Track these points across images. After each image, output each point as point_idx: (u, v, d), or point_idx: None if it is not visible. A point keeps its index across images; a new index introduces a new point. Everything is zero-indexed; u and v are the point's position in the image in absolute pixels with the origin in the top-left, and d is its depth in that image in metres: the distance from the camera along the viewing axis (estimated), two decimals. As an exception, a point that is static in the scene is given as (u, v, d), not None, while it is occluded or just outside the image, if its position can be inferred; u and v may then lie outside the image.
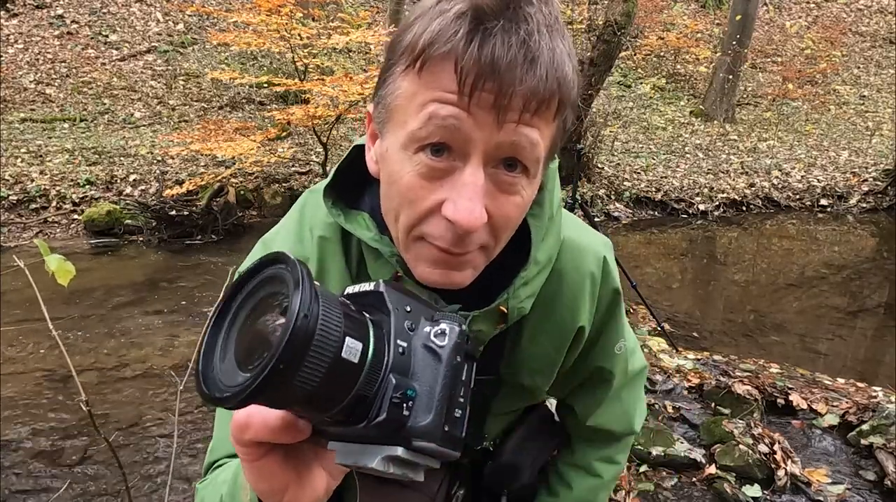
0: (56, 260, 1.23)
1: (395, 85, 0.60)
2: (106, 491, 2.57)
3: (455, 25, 0.55)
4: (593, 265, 0.80)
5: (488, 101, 0.55)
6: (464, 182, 0.57)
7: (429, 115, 0.56)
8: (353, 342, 0.42)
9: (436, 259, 0.62)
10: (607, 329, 0.87)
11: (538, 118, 0.57)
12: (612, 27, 6.21)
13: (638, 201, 7.89)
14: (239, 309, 0.45)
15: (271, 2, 6.33)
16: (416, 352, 0.47)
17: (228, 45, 8.95)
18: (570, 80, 0.58)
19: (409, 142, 0.58)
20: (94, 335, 4.01)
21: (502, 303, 0.70)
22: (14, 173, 6.55)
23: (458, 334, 0.48)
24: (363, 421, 0.44)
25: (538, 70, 0.55)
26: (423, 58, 0.56)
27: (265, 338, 0.40)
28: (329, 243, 0.77)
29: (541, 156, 0.60)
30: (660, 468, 2.51)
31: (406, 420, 0.45)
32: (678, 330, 4.33)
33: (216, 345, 0.44)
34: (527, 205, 0.64)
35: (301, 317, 0.38)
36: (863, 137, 10.46)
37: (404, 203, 0.61)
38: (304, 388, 0.40)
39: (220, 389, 0.41)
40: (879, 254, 6.77)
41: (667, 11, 13.89)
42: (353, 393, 0.43)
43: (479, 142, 0.57)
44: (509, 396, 0.86)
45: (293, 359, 0.38)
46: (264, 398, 0.40)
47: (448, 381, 0.47)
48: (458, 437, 0.48)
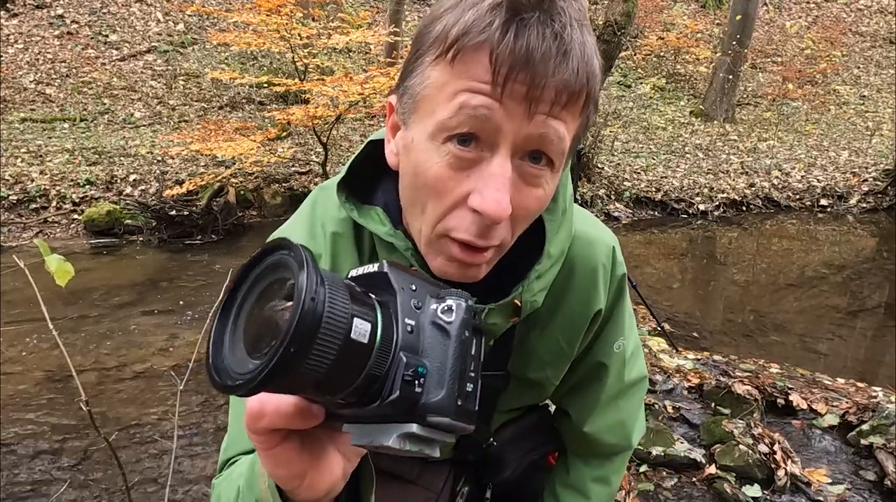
0: (56, 260, 1.23)
1: (425, 75, 0.60)
2: (106, 491, 2.57)
3: (490, 16, 0.55)
4: (603, 256, 0.82)
5: (521, 93, 0.55)
6: (491, 172, 0.57)
7: (460, 104, 0.56)
8: (362, 323, 0.42)
9: (452, 254, 0.62)
10: (612, 316, 0.87)
11: (566, 112, 0.58)
12: (612, 27, 6.21)
13: (638, 201, 7.89)
14: (245, 298, 0.45)
15: (271, 2, 6.33)
16: (425, 329, 0.48)
17: (228, 45, 8.95)
18: (597, 75, 0.59)
19: (437, 132, 0.58)
20: (94, 335, 4.01)
21: (516, 296, 0.71)
22: (14, 173, 6.55)
23: (466, 309, 0.49)
24: (377, 401, 0.45)
25: (570, 63, 0.55)
26: (457, 47, 0.56)
27: (273, 324, 0.41)
28: (341, 239, 0.77)
29: (566, 149, 0.61)
30: (660, 468, 2.51)
31: (419, 396, 0.45)
32: (678, 330, 4.33)
33: (224, 335, 0.44)
34: (548, 199, 0.64)
35: (308, 300, 0.38)
36: (863, 137, 10.46)
37: (431, 194, 0.61)
38: (316, 371, 0.40)
39: (232, 377, 0.41)
40: (879, 254, 6.77)
41: (667, 11, 13.89)
42: (364, 373, 0.43)
43: (509, 134, 0.57)
44: (517, 391, 0.86)
45: (303, 343, 0.38)
46: (276, 384, 0.40)
47: (458, 356, 0.47)
48: (471, 410, 0.48)
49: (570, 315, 0.81)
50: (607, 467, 0.98)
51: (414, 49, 0.62)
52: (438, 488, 0.93)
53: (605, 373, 0.90)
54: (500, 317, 0.72)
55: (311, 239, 0.78)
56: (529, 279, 0.71)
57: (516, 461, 0.95)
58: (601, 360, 0.89)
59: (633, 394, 0.97)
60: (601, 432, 0.94)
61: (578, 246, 0.79)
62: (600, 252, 0.81)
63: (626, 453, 1.00)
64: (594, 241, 0.81)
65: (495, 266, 0.67)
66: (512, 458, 0.95)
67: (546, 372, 0.85)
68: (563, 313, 0.81)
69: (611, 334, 0.88)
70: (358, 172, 0.76)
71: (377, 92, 6.19)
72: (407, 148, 0.64)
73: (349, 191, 0.75)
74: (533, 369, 0.84)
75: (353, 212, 0.74)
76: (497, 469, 0.95)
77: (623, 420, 0.95)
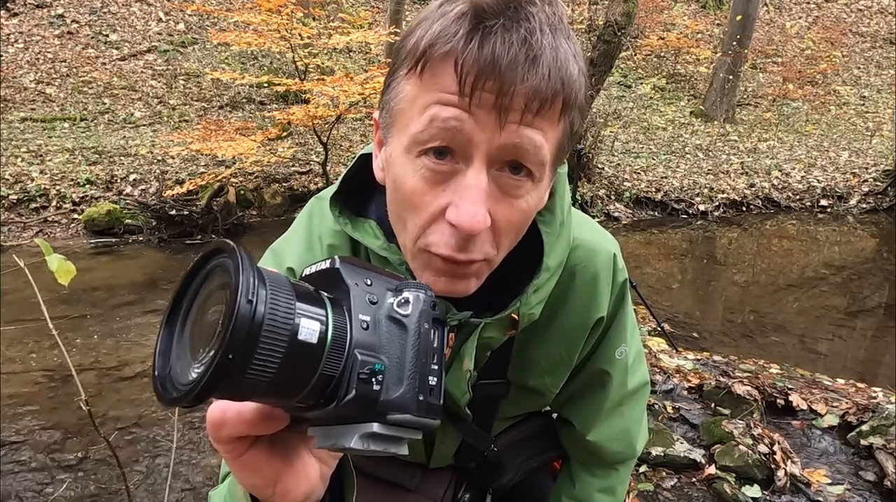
0: (57, 259, 1.23)
1: (399, 89, 0.59)
2: (106, 491, 2.57)
3: (455, 26, 0.54)
4: (604, 263, 0.80)
5: (489, 101, 0.54)
6: (466, 185, 0.56)
7: (430, 117, 0.55)
8: (310, 322, 0.41)
9: (440, 269, 0.61)
10: (614, 323, 0.86)
11: (542, 119, 0.56)
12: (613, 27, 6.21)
13: (638, 201, 7.89)
14: (190, 304, 0.44)
15: (272, 1, 6.33)
16: (381, 324, 0.46)
17: (229, 45, 8.94)
18: (574, 80, 0.57)
19: (411, 146, 0.58)
20: (94, 335, 4.01)
21: (514, 310, 0.70)
22: (14, 173, 6.55)
23: (424, 301, 0.47)
24: (333, 402, 0.43)
25: (540, 68, 0.54)
26: (425, 59, 0.55)
27: (214, 330, 0.39)
28: (338, 251, 0.76)
29: (546, 159, 0.58)
30: (660, 468, 2.51)
31: (377, 394, 0.44)
32: (678, 330, 4.33)
33: (171, 344, 0.43)
34: (532, 211, 0.62)
35: (243, 303, 0.36)
36: (863, 138, 10.45)
37: (409, 209, 0.60)
38: (263, 376, 0.38)
39: (177, 389, 0.40)
40: (879, 255, 6.77)
41: (667, 12, 13.88)
42: (317, 374, 0.42)
43: (482, 144, 0.55)
44: (517, 399, 0.86)
45: (242, 348, 0.37)
46: (221, 392, 0.39)
47: (417, 350, 0.46)
48: (435, 405, 0.47)
49: (570, 323, 0.80)
50: (613, 477, 0.97)
51: (391, 63, 0.62)
52: (440, 496, 0.93)
53: (608, 381, 0.89)
54: (497, 331, 0.71)
55: (309, 251, 0.78)
56: (527, 293, 0.70)
57: (515, 468, 0.94)
58: (603, 368, 0.88)
59: (636, 402, 0.96)
60: (605, 440, 0.93)
61: (579, 253, 0.78)
62: (601, 259, 0.80)
63: (631, 462, 0.99)
64: (595, 249, 0.80)
65: (492, 279, 0.66)
66: (511, 464, 0.94)
67: (546, 379, 0.84)
68: (563, 321, 0.80)
69: (613, 341, 0.87)
70: (351, 186, 0.75)
71: (377, 92, 6.18)
72: (387, 163, 0.63)
73: (343, 204, 0.74)
74: (533, 377, 0.83)
75: (347, 225, 0.73)
76: (495, 475, 0.94)
77: (627, 427, 0.94)
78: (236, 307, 0.36)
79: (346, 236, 0.76)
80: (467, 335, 0.71)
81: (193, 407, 0.39)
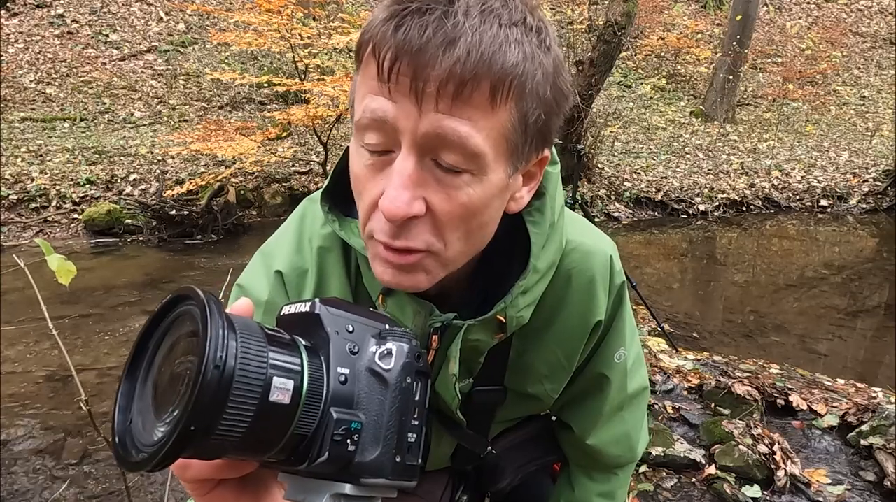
0: (57, 259, 1.23)
1: (354, 83, 0.62)
2: (106, 491, 2.57)
3: (382, 13, 0.55)
4: (601, 265, 0.79)
5: (406, 86, 0.53)
6: (393, 170, 0.56)
7: (363, 107, 0.57)
8: (282, 381, 0.38)
9: (382, 257, 0.60)
10: (613, 327, 0.85)
11: (466, 105, 0.53)
12: (613, 27, 6.21)
13: (638, 201, 7.88)
14: (153, 355, 0.41)
15: (272, 2, 6.33)
16: (360, 377, 0.44)
17: (229, 45, 8.95)
18: (509, 62, 0.53)
19: (357, 135, 0.59)
20: (94, 335, 4.01)
21: (499, 312, 0.68)
22: (14, 172, 6.55)
23: (407, 352, 0.45)
24: (304, 462, 0.41)
25: (456, 50, 0.51)
26: (360, 51, 0.58)
27: (180, 384, 0.37)
28: (329, 253, 0.75)
29: (480, 150, 0.55)
30: (659, 468, 2.51)
31: (352, 456, 0.42)
32: (678, 330, 4.33)
33: (133, 397, 0.40)
34: (480, 206, 0.59)
35: (211, 368, 0.34)
36: (863, 138, 10.45)
37: (358, 197, 0.62)
38: (231, 438, 0.36)
39: (138, 449, 0.37)
40: (879, 255, 6.76)
41: (667, 12, 13.88)
42: (289, 434, 0.39)
43: (406, 132, 0.54)
44: (514, 405, 0.84)
45: (206, 416, 0.34)
46: (188, 454, 0.36)
47: (397, 407, 0.44)
48: (412, 466, 0.45)
49: (567, 327, 0.79)
50: (613, 481, 0.95)
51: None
52: (437, 498, 0.92)
53: (607, 385, 0.88)
54: (484, 334, 0.69)
55: (298, 253, 0.76)
56: (513, 295, 0.68)
57: (513, 471, 0.93)
58: (602, 371, 0.87)
59: (636, 405, 0.94)
60: (605, 444, 0.91)
61: (574, 256, 0.76)
62: (597, 262, 0.78)
63: (631, 465, 0.98)
64: (591, 251, 0.78)
65: (482, 282, 0.65)
66: (509, 468, 0.93)
67: (545, 386, 0.83)
68: (560, 326, 0.78)
69: (611, 345, 0.85)
70: (341, 182, 0.73)
71: (377, 92, 6.18)
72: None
73: (332, 202, 0.73)
74: (531, 383, 0.82)
75: (335, 223, 0.72)
76: (493, 479, 0.93)
77: (627, 431, 0.93)
78: (202, 374, 0.34)
79: (337, 238, 0.74)
80: (452, 337, 0.70)
81: (154, 471, 0.36)
